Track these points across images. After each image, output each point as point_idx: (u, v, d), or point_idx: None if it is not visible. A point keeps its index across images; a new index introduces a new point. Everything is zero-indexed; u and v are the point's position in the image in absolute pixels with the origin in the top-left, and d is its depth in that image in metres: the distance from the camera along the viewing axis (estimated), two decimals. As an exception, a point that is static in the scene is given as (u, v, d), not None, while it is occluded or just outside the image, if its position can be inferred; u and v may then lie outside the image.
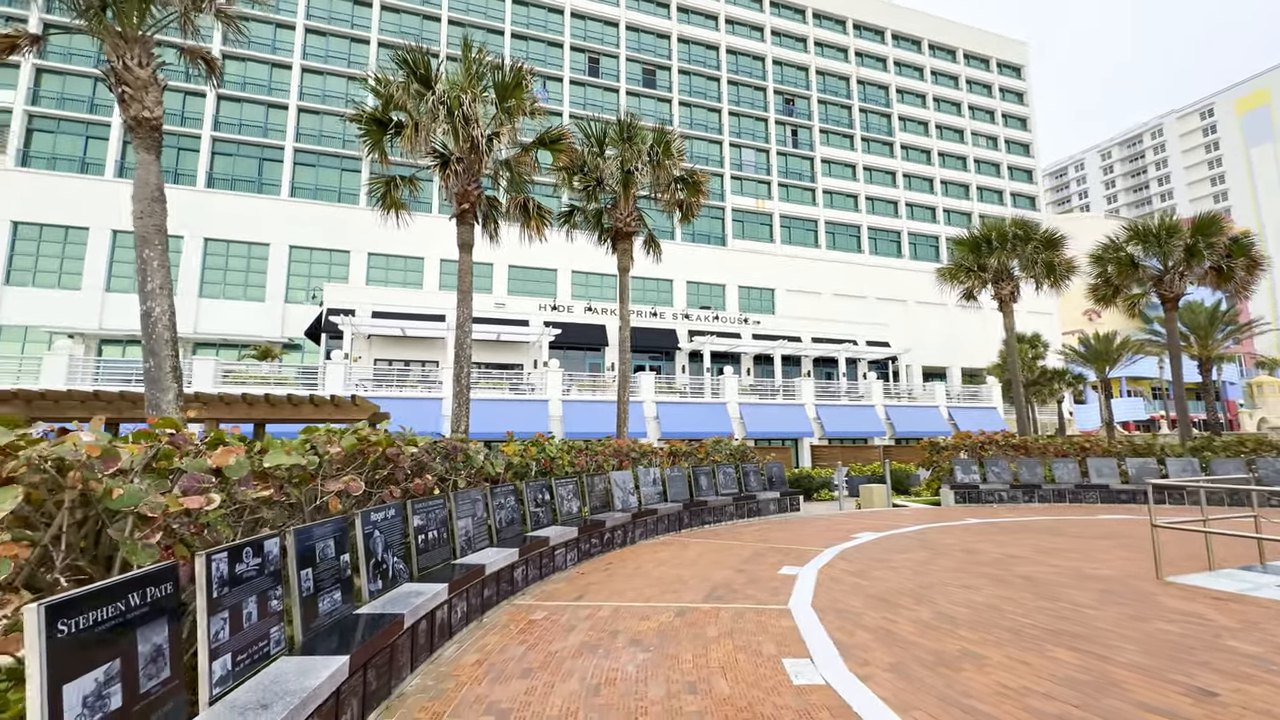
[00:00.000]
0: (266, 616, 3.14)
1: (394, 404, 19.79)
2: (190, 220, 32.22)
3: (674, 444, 13.00)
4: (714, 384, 28.82)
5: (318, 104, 36.69)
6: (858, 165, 48.85)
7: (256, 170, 35.11)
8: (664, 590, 6.50)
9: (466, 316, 9.58)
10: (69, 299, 30.16)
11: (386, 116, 8.63)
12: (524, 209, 10.75)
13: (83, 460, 2.42)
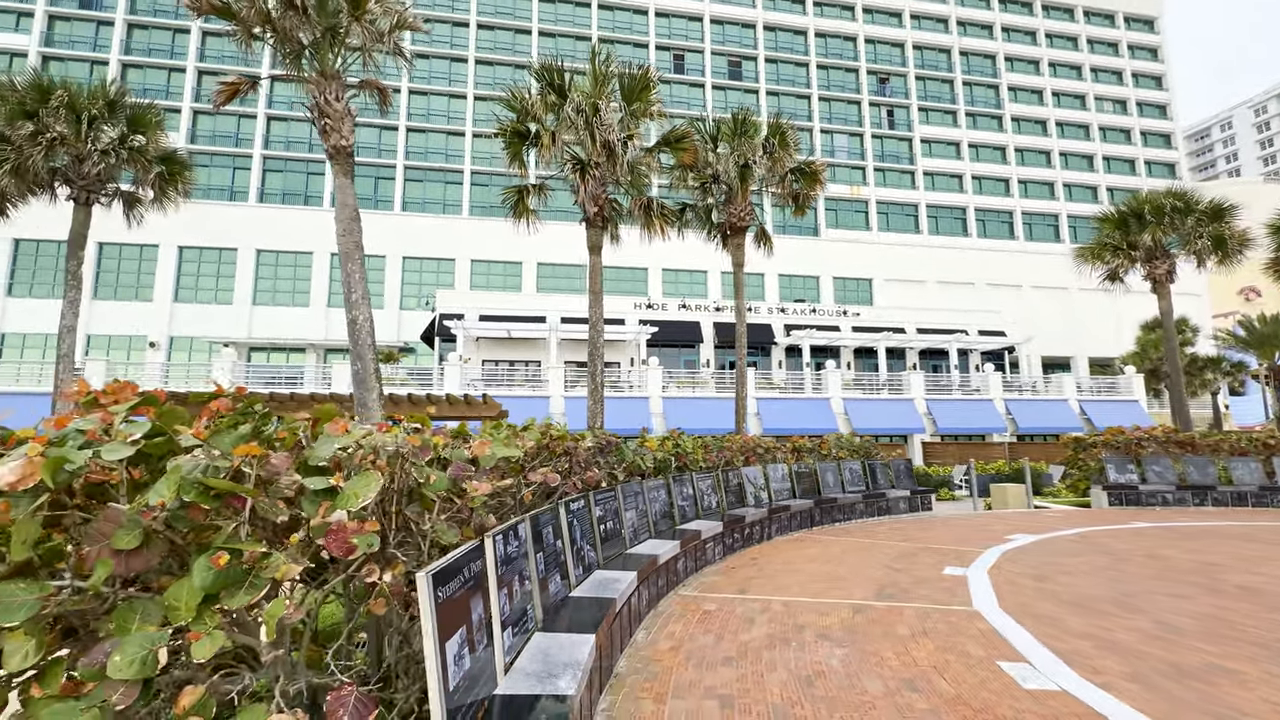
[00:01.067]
0: (524, 594, 3.41)
1: (504, 403, 20.83)
2: (315, 236, 35.57)
3: (796, 440, 12.78)
4: (814, 379, 28.01)
5: (423, 123, 39.21)
6: (962, 143, 45.63)
7: (372, 188, 38.06)
8: (828, 586, 6.41)
9: (599, 316, 9.93)
10: (223, 312, 34.13)
11: (524, 128, 9.13)
12: (647, 209, 10.99)
13: (405, 451, 2.74)
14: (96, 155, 11.13)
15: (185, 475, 2.12)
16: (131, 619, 2.06)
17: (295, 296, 35.19)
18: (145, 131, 12.17)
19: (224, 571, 2.05)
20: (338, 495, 2.42)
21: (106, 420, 2.53)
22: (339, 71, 7.47)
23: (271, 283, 35.06)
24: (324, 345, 34.67)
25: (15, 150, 10.55)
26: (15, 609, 1.89)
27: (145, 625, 2.05)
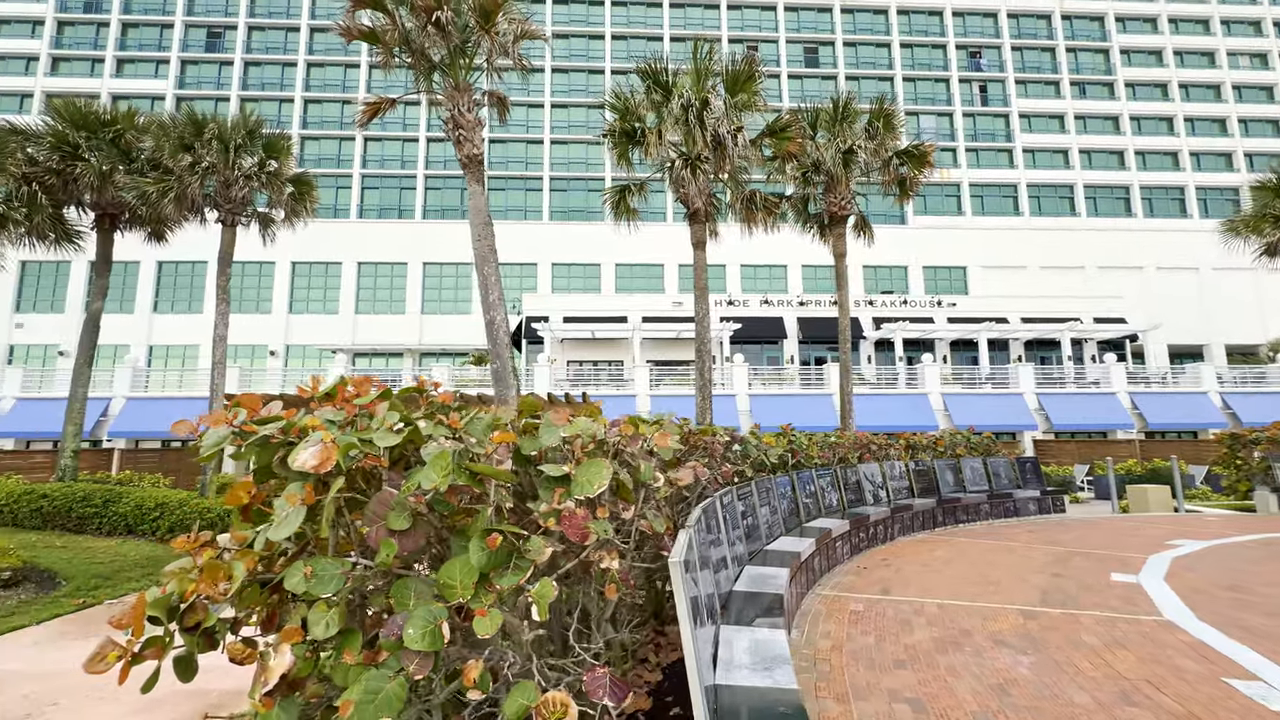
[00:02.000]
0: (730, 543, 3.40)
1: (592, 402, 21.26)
2: (409, 247, 37.71)
3: (909, 436, 12.18)
4: (908, 374, 26.65)
5: (503, 133, 40.64)
6: (1066, 114, 41.99)
7: (458, 198, 39.88)
8: (981, 590, 6.03)
9: (705, 312, 9.89)
10: (330, 321, 36.86)
11: (630, 127, 9.24)
12: (749, 202, 10.81)
13: (618, 441, 2.78)
14: (241, 180, 12.33)
15: (452, 461, 2.24)
16: (407, 595, 2.20)
17: (392, 305, 37.45)
18: (278, 157, 13.34)
19: (495, 553, 2.15)
20: (571, 483, 2.49)
21: (351, 412, 2.73)
22: (470, 84, 7.88)
23: (371, 293, 37.50)
24: (419, 349, 36.71)
25: (177, 180, 11.87)
26: (328, 581, 2.06)
27: (422, 602, 2.18)
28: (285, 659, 2.04)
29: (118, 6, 40.73)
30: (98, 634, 7.06)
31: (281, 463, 2.39)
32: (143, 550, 10.30)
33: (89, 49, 40.64)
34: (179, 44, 40.40)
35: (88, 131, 12.25)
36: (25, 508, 10.99)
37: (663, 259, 38.00)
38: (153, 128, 12.22)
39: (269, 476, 2.69)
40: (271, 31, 41.29)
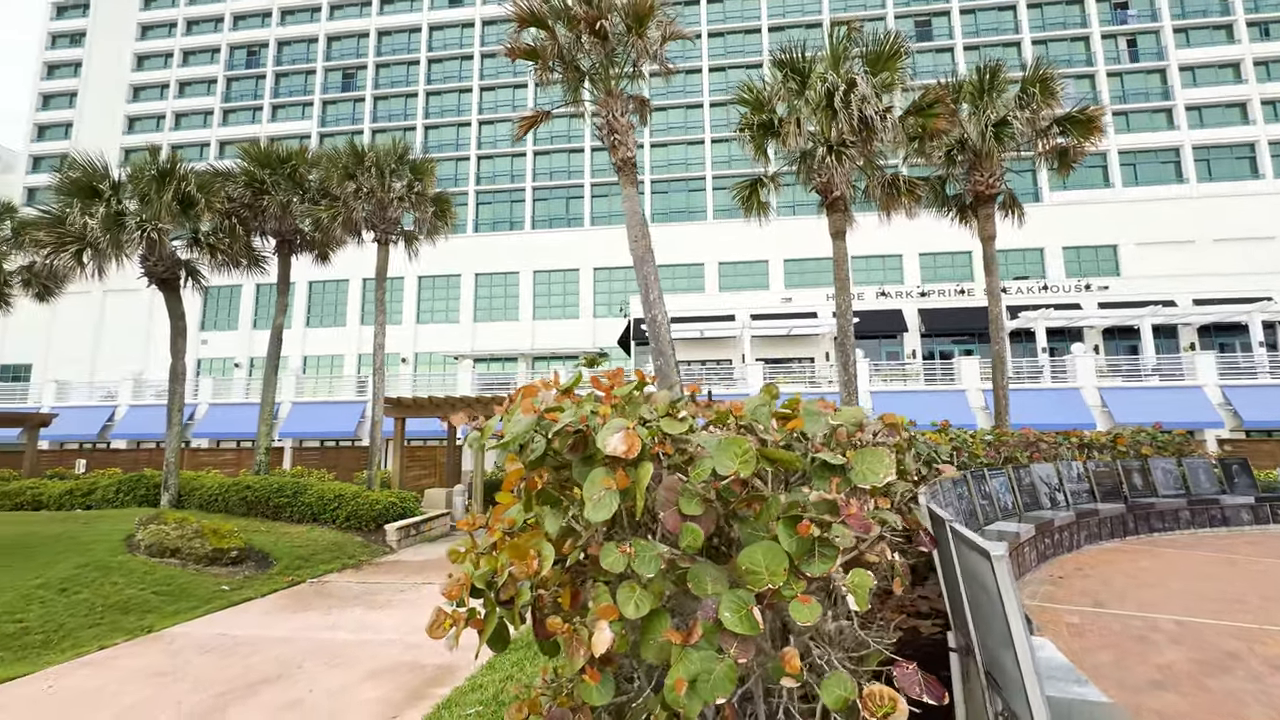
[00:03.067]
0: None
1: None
2: (520, 257, 39.66)
3: (1079, 434, 10.97)
4: (1054, 366, 24.08)
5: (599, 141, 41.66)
6: (1243, 61, 36.11)
7: (564, 208, 41.41)
8: (1224, 607, 5.25)
9: (847, 305, 9.49)
10: (452, 330, 39.58)
11: (766, 119, 9.08)
12: (890, 186, 10.19)
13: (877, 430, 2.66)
14: (395, 201, 13.57)
15: (747, 448, 2.25)
16: (704, 580, 2.23)
17: (506, 312, 39.56)
18: (422, 178, 14.52)
19: (802, 540, 2.13)
20: (850, 472, 2.42)
21: (609, 401, 2.82)
22: (621, 90, 8.16)
23: (488, 301, 39.86)
24: (531, 354, 38.45)
25: (344, 205, 13.29)
26: (648, 562, 2.14)
27: (718, 586, 2.21)
28: (606, 635, 2.13)
29: (271, 59, 46.44)
30: (308, 608, 7.99)
31: (572, 449, 2.52)
32: (328, 537, 11.56)
33: (250, 99, 46.66)
34: (320, 87, 45.32)
35: (270, 169, 14.04)
36: (234, 497, 12.71)
37: (767, 255, 37.18)
38: (322, 160, 13.78)
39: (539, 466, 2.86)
40: (395, 67, 45.20)
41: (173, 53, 48.20)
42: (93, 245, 11.87)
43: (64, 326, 40.03)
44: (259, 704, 4.90)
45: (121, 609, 7.20)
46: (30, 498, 13.75)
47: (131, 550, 8.82)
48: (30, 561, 7.97)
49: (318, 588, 8.98)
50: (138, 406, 28.93)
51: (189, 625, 7.10)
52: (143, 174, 12.44)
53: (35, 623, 6.45)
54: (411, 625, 7.04)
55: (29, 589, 7.06)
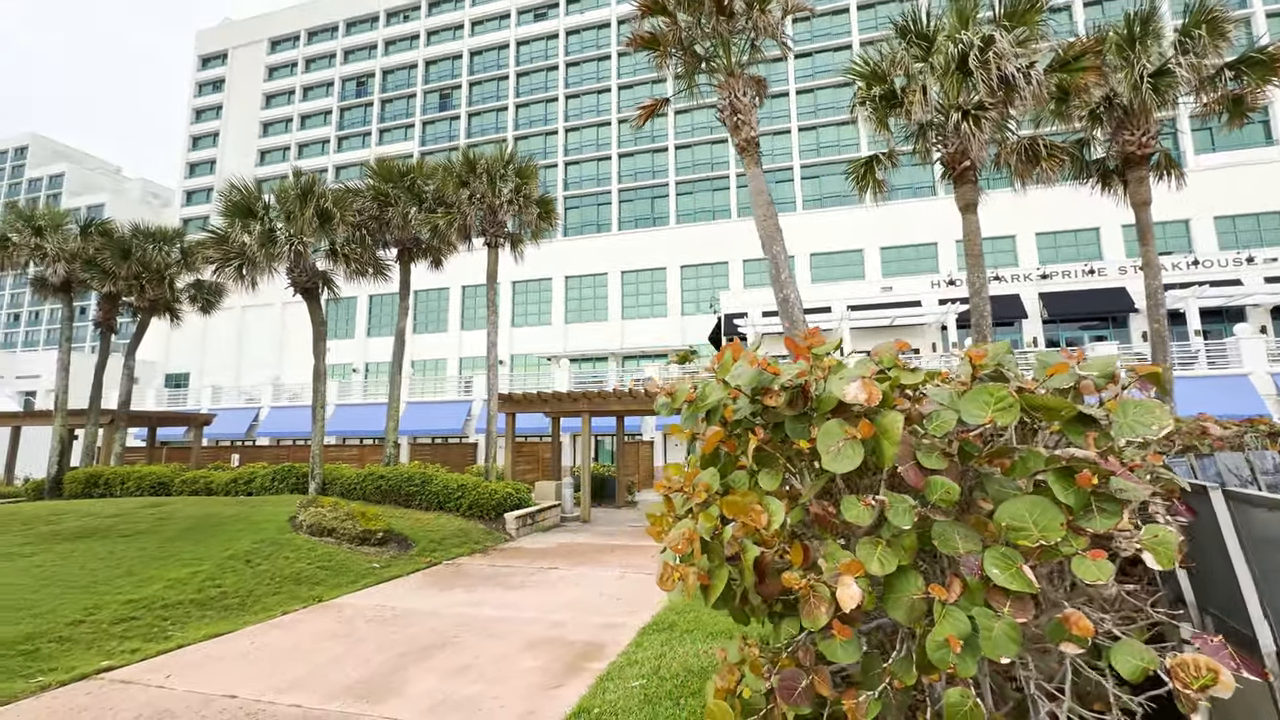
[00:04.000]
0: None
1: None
2: (608, 258, 40.37)
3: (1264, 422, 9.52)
4: (1213, 349, 21.22)
5: (687, 138, 41.60)
6: None
7: (650, 208, 41.73)
8: None
9: (982, 283, 8.80)
10: (544, 332, 40.94)
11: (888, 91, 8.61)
12: (1026, 153, 9.29)
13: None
14: (504, 205, 14.23)
15: (1004, 395, 2.09)
16: (952, 537, 2.09)
17: (595, 313, 40.39)
18: (528, 182, 15.11)
19: (1081, 492, 1.94)
20: (1111, 425, 2.18)
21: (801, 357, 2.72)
22: (742, 70, 8.09)
23: (578, 303, 40.88)
24: (621, 353, 39.01)
25: (459, 212, 14.12)
26: (902, 514, 2.03)
27: (969, 544, 2.06)
28: (854, 590, 2.05)
29: (377, 87, 50.28)
30: (450, 587, 8.49)
31: (790, 405, 2.46)
32: (454, 523, 12.27)
33: (360, 126, 50.76)
34: (420, 109, 48.52)
35: (392, 183, 15.15)
36: (370, 486, 13.80)
37: (861, 244, 35.59)
38: (438, 171, 14.72)
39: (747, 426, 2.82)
40: (486, 84, 47.53)
41: (295, 90, 53.37)
42: (250, 259, 13.32)
43: (214, 339, 45.35)
44: (434, 666, 5.23)
45: (295, 580, 7.97)
46: (203, 485, 15.62)
47: (295, 529, 9.76)
48: (217, 537, 9.02)
49: (454, 569, 9.53)
50: (277, 408, 32.23)
51: (351, 597, 7.75)
52: (288, 194, 13.81)
53: (230, 588, 7.28)
54: (549, 605, 7.29)
55: (222, 560, 7.99)
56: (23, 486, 19.69)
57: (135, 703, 4.53)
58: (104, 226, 18.05)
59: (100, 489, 16.28)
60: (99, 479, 16.41)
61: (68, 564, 7.39)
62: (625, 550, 11.06)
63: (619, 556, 10.43)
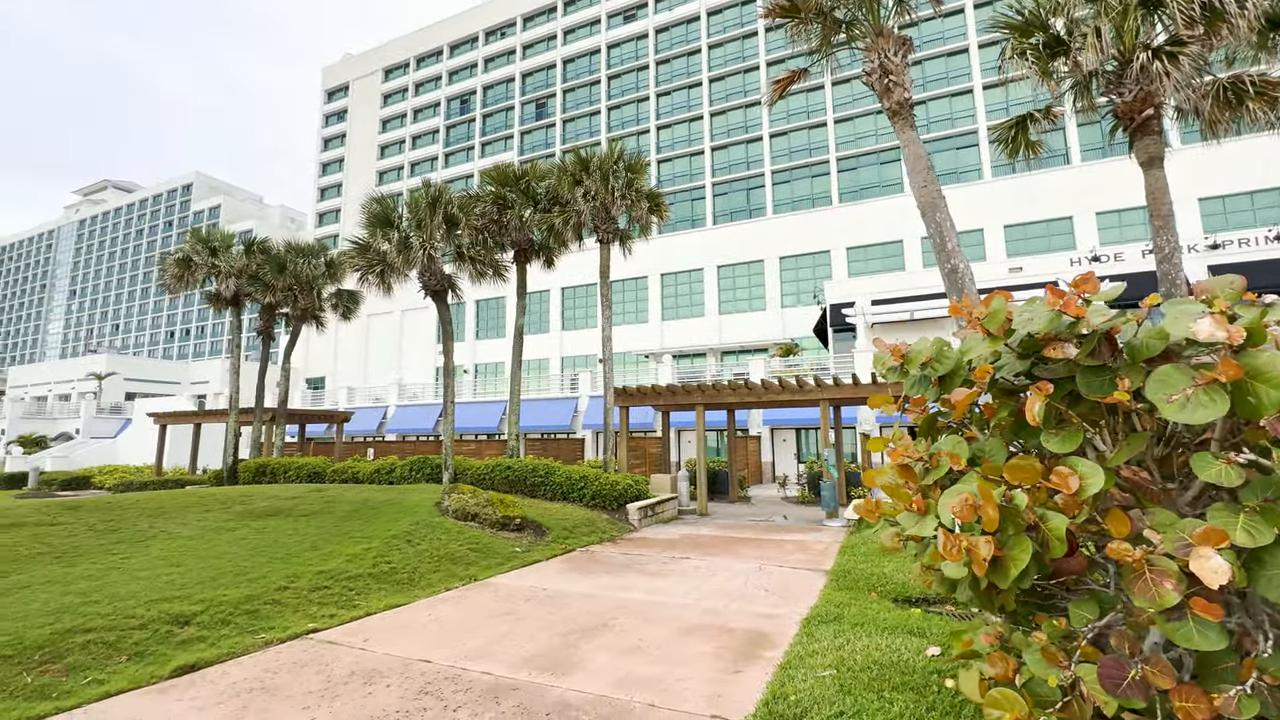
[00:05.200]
0: None
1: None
2: (703, 254, 40.03)
3: None
4: None
5: (783, 124, 40.36)
6: None
7: (745, 199, 40.95)
8: None
9: (1173, 248, 7.62)
10: (642, 330, 41.29)
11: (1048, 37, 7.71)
12: (1228, 93, 7.89)
13: None
14: (617, 200, 14.44)
15: None
16: None
17: (692, 309, 40.23)
18: (638, 177, 15.22)
19: None
20: None
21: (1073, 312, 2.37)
22: (891, 28, 7.65)
23: (674, 300, 40.93)
24: (720, 348, 38.59)
25: (574, 210, 14.52)
26: None
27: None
28: (1219, 563, 1.72)
29: (479, 104, 53.16)
30: (590, 572, 8.65)
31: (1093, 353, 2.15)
32: (579, 513, 12.56)
33: (464, 142, 53.91)
34: (518, 120, 50.71)
35: (509, 186, 15.84)
36: (497, 476, 14.48)
37: (981, 223, 32.84)
38: (553, 171, 15.22)
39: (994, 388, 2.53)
40: (579, 90, 48.81)
41: (406, 113, 57.65)
42: (389, 265, 14.42)
43: (344, 346, 49.96)
44: (603, 644, 5.29)
45: (450, 559, 8.45)
46: (350, 474, 17.13)
47: (442, 514, 10.39)
48: (378, 519, 9.78)
49: (589, 555, 9.72)
50: (401, 406, 34.89)
51: (502, 577, 8.10)
52: (419, 203, 14.81)
53: (398, 564, 7.83)
54: (697, 593, 7.21)
55: (387, 539, 8.63)
56: (206, 475, 22.62)
57: (344, 662, 4.92)
58: (263, 244, 20.34)
59: (267, 477, 18.34)
60: (266, 468, 18.49)
61: (264, 538, 8.28)
62: (753, 544, 10.80)
63: (750, 549, 10.19)
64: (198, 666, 4.74)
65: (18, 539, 7.36)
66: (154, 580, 6.11)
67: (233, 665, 4.81)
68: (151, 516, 8.94)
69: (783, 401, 14.99)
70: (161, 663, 4.70)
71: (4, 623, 4.77)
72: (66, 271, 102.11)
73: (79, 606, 5.24)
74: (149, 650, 4.84)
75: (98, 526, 8.23)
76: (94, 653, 4.64)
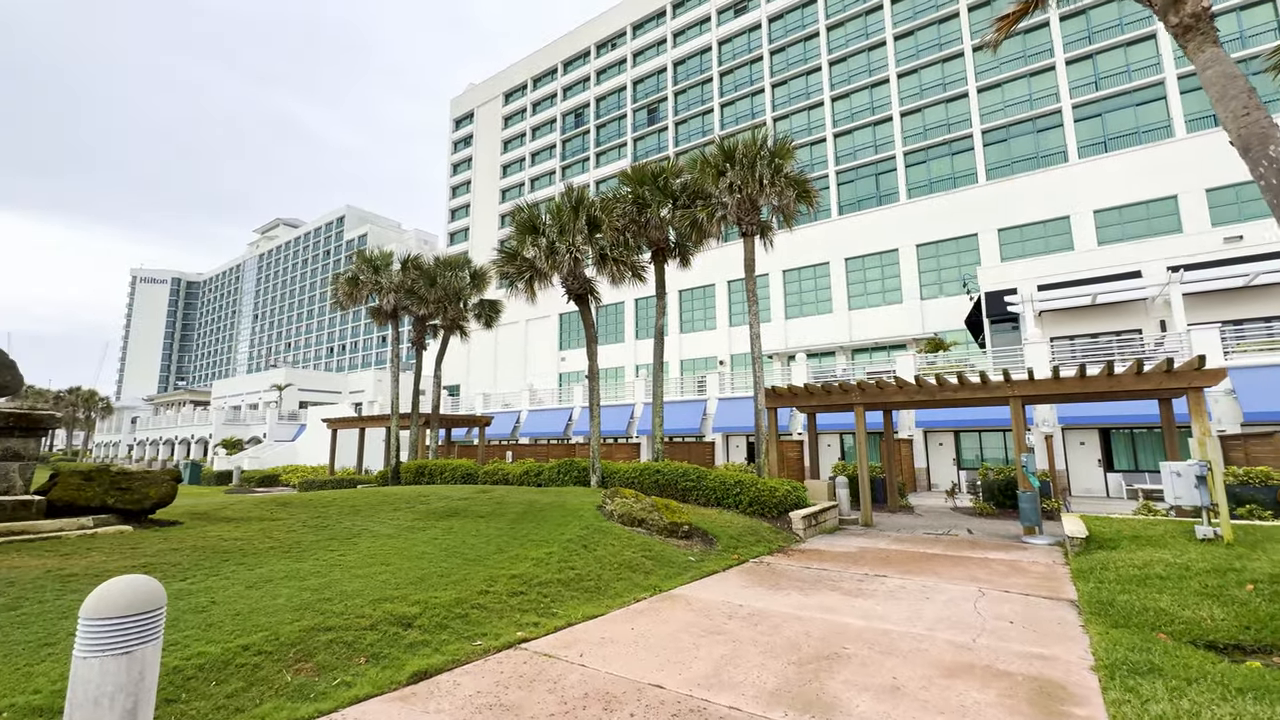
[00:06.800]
0: None
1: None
2: (828, 246, 37.75)
3: None
4: None
5: (916, 101, 37.16)
6: None
7: (874, 185, 38.19)
8: None
9: None
10: (764, 329, 39.68)
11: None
12: None
13: None
14: (763, 188, 13.64)
15: None
16: None
17: (818, 305, 38.11)
18: (784, 160, 14.29)
19: None
20: None
21: None
22: None
23: (797, 296, 39.05)
24: (850, 346, 36.16)
25: (719, 202, 13.92)
26: None
27: None
28: None
29: (592, 116, 54.57)
30: (778, 587, 7.87)
31: None
32: (738, 520, 11.83)
33: (579, 154, 55.57)
34: (630, 127, 51.33)
35: (646, 185, 15.57)
36: (647, 480, 14.16)
37: (1175, 189, 27.89)
38: (693, 166, 14.73)
39: None
40: (691, 91, 48.43)
41: (525, 132, 60.62)
42: (536, 270, 14.67)
43: (475, 355, 53.24)
44: (849, 682, 4.52)
45: (629, 567, 8.08)
46: (500, 476, 17.70)
47: (607, 518, 10.14)
48: (547, 523, 9.71)
49: (766, 568, 8.97)
50: (533, 411, 36.28)
51: (686, 589, 7.57)
52: (561, 210, 14.95)
53: (581, 570, 7.58)
54: (921, 619, 6.21)
55: (564, 543, 8.46)
56: (373, 475, 24.73)
57: (571, 680, 4.58)
58: (416, 260, 21.85)
59: (426, 477, 19.54)
60: (424, 469, 19.71)
61: (453, 538, 8.43)
62: (950, 562, 9.46)
63: (952, 568, 8.90)
64: (429, 673, 4.62)
65: (250, 533, 8.01)
66: (371, 579, 6.25)
67: (461, 675, 4.65)
68: (352, 515, 9.51)
69: (960, 400, 13.29)
70: (396, 667, 4.63)
71: (260, 617, 4.95)
72: (250, 299, 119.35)
73: (316, 604, 5.38)
74: (382, 653, 4.80)
75: (310, 523, 8.83)
76: (337, 652, 4.66)
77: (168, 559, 6.31)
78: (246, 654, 4.35)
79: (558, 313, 49.21)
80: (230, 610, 5.05)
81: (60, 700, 3.48)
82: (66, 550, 6.40)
